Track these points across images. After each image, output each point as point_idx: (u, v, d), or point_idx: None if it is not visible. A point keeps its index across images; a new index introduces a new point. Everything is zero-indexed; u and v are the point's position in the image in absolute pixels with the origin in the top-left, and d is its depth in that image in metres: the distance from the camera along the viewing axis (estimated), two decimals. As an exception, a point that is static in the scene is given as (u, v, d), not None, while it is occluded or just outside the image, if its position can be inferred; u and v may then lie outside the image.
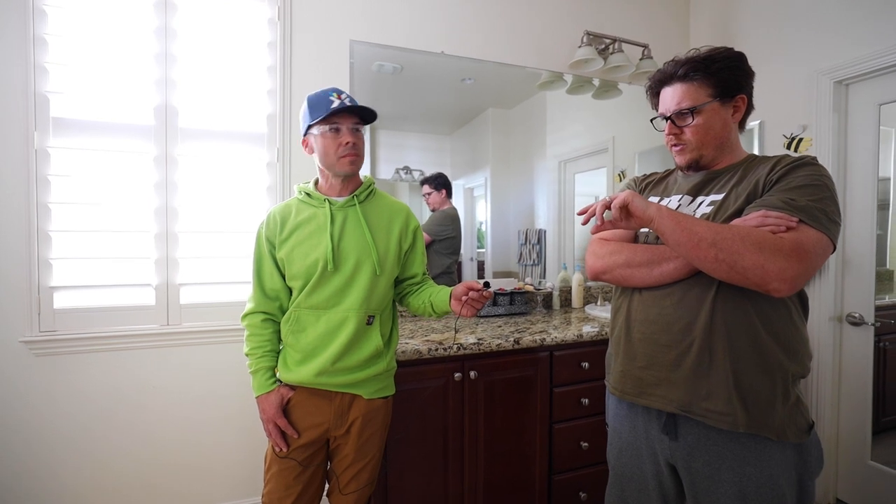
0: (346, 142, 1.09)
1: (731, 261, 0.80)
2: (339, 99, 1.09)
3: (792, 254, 0.79)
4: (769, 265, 0.79)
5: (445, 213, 2.09)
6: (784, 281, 0.79)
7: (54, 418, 1.52)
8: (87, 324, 1.55)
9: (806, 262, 0.79)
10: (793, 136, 1.92)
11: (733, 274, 0.81)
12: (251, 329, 1.16)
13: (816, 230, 0.81)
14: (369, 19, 1.86)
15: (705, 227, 0.83)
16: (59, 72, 1.51)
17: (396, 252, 1.19)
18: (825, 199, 0.84)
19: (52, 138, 1.50)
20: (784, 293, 0.80)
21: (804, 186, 0.85)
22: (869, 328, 1.74)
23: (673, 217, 0.86)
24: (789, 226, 0.81)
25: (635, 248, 1.00)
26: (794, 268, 0.79)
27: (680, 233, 0.84)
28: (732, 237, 0.81)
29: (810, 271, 0.80)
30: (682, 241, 0.84)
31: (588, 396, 1.61)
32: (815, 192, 0.84)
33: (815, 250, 0.81)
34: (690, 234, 0.83)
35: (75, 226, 1.54)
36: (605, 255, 1.03)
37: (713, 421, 0.88)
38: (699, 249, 0.83)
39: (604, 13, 2.26)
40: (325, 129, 1.09)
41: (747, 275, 0.80)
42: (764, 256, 0.79)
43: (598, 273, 1.04)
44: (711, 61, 0.97)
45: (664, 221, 0.86)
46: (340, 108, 1.08)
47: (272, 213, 1.17)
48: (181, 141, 1.63)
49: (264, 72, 1.74)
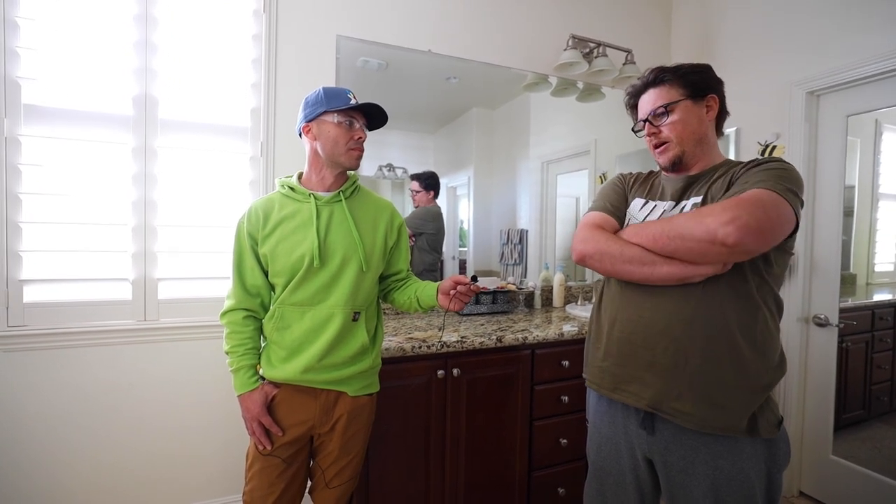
0: (359, 137, 1.13)
1: (680, 236, 0.86)
2: (356, 99, 1.13)
3: (725, 206, 0.83)
4: (716, 216, 0.82)
5: (428, 210, 2.09)
6: (726, 223, 0.80)
7: (24, 416, 1.47)
8: (60, 319, 1.50)
9: (760, 211, 0.80)
10: (767, 143, 2.00)
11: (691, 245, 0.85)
12: (231, 326, 1.13)
13: (771, 191, 0.84)
14: (357, 15, 1.85)
15: (651, 226, 0.93)
16: (32, 57, 1.45)
17: (382, 248, 1.20)
18: (783, 178, 0.87)
19: (24, 126, 1.45)
20: (739, 238, 0.79)
21: (764, 171, 0.89)
22: (833, 329, 1.83)
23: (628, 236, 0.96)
24: None
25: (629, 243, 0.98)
26: (746, 215, 0.80)
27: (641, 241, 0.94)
28: (673, 219, 0.90)
29: (754, 213, 0.80)
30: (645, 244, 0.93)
31: (568, 394, 1.64)
32: (774, 173, 0.88)
33: (758, 198, 0.82)
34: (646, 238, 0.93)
35: (48, 217, 1.49)
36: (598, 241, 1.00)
37: (681, 420, 0.92)
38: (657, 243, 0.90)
39: (589, 18, 2.30)
40: (343, 119, 1.11)
41: (695, 236, 0.84)
42: (710, 216, 0.83)
43: (586, 256, 1.02)
44: (679, 67, 1.03)
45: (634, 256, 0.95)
46: (360, 105, 1.11)
47: (253, 207, 1.15)
48: (161, 132, 1.59)
49: (249, 65, 1.71)
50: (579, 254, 1.03)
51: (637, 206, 1.07)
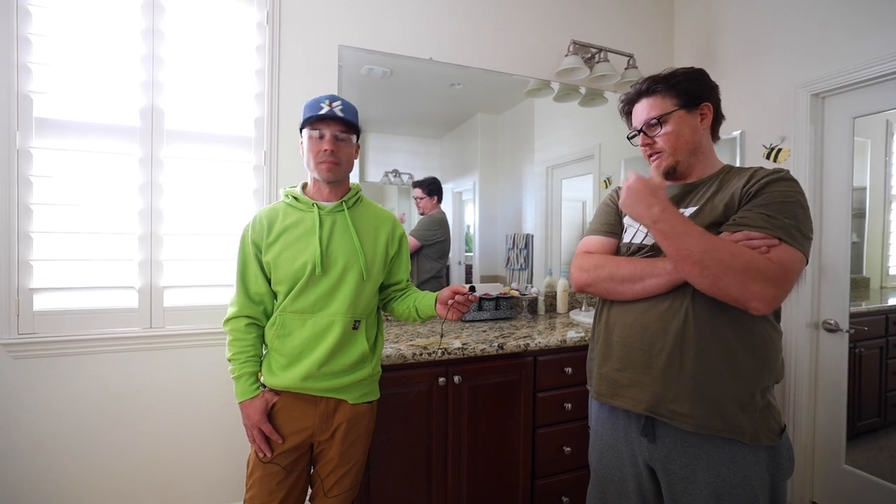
0: (325, 149, 1.11)
1: (715, 278, 0.84)
2: (330, 107, 1.11)
3: (773, 277, 0.83)
4: (752, 287, 0.83)
5: (433, 218, 2.10)
6: (763, 301, 0.83)
7: (32, 422, 1.50)
8: (68, 326, 1.53)
9: (786, 285, 0.85)
10: (772, 146, 1.97)
11: (715, 290, 0.86)
12: (234, 334, 1.14)
13: (795, 248, 0.86)
14: (359, 25, 1.88)
15: (695, 240, 0.86)
16: (43, 71, 1.50)
17: (383, 258, 1.21)
18: (801, 217, 0.88)
19: (35, 139, 1.49)
20: (762, 312, 0.85)
21: (781, 203, 0.89)
22: (844, 335, 1.79)
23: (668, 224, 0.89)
24: (771, 245, 0.85)
25: (619, 262, 1.02)
26: (774, 290, 0.83)
27: (668, 244, 0.89)
28: (719, 256, 0.84)
29: (789, 290, 0.86)
30: (671, 252, 0.89)
31: (571, 401, 1.63)
32: (792, 209, 0.88)
33: (795, 269, 0.86)
34: (679, 247, 0.88)
35: (57, 227, 1.53)
36: (589, 269, 1.05)
37: (679, 422, 0.91)
38: (685, 263, 0.87)
39: (591, 23, 2.30)
40: (312, 132, 1.11)
41: (729, 292, 0.85)
42: (748, 278, 0.83)
43: (582, 286, 1.07)
44: (671, 76, 1.03)
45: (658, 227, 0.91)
46: (325, 116, 1.10)
47: (258, 216, 1.17)
48: (167, 143, 1.63)
49: (252, 75, 1.74)
50: (577, 283, 1.09)
51: None
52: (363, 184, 1.93)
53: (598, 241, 1.11)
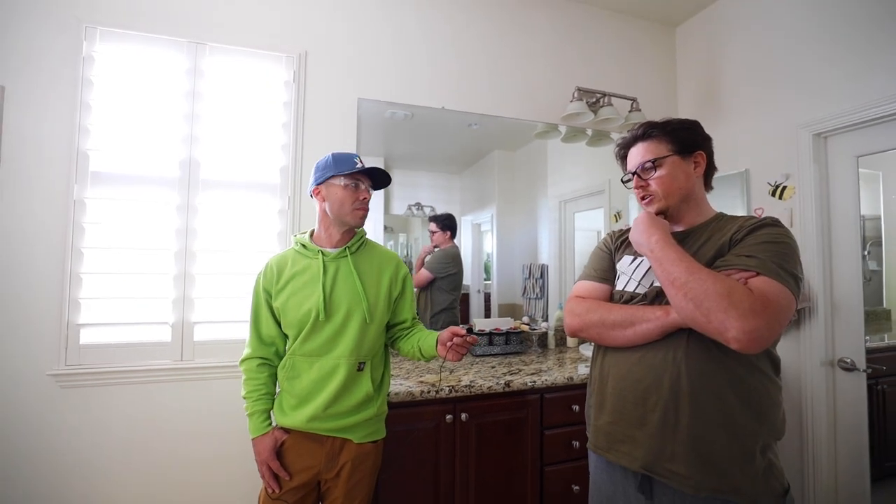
0: (363, 197, 1.23)
1: (697, 303, 0.83)
2: (362, 163, 1.24)
3: (752, 307, 0.80)
4: (732, 312, 0.80)
5: (446, 252, 2.20)
6: (742, 331, 0.79)
7: (76, 446, 1.63)
8: (109, 358, 1.67)
9: (767, 317, 0.79)
10: (777, 183, 2.00)
11: (698, 316, 0.83)
12: (248, 373, 1.23)
13: (776, 281, 0.83)
14: (376, 79, 2.04)
15: (683, 266, 0.88)
16: (99, 130, 1.70)
17: (387, 299, 1.27)
18: (783, 255, 0.87)
19: (90, 189, 1.68)
20: (745, 347, 0.80)
21: (764, 244, 0.89)
22: (861, 374, 1.75)
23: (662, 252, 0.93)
24: (748, 277, 0.85)
25: (610, 307, 1.04)
26: (753, 321, 0.79)
27: (660, 269, 0.92)
28: (702, 279, 0.84)
29: (773, 326, 0.80)
30: (661, 276, 0.92)
31: (578, 439, 1.64)
32: (775, 249, 0.88)
33: (779, 303, 0.82)
34: (667, 271, 0.90)
35: (103, 268, 1.69)
36: (581, 313, 1.07)
37: (676, 483, 0.90)
38: (671, 287, 0.88)
39: (595, 69, 2.42)
40: (349, 182, 1.21)
41: (710, 318, 0.82)
42: (728, 303, 0.80)
43: (575, 330, 1.09)
44: (667, 123, 1.07)
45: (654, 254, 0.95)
46: (365, 169, 1.22)
47: (269, 264, 1.27)
48: (202, 190, 1.80)
49: (279, 128, 1.92)
50: (569, 328, 1.10)
51: (626, 263, 1.10)
52: (388, 216, 2.11)
53: (591, 287, 1.13)
